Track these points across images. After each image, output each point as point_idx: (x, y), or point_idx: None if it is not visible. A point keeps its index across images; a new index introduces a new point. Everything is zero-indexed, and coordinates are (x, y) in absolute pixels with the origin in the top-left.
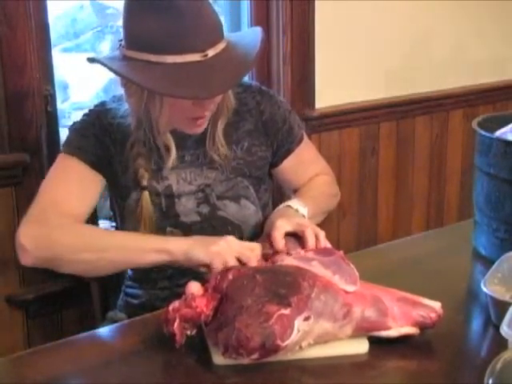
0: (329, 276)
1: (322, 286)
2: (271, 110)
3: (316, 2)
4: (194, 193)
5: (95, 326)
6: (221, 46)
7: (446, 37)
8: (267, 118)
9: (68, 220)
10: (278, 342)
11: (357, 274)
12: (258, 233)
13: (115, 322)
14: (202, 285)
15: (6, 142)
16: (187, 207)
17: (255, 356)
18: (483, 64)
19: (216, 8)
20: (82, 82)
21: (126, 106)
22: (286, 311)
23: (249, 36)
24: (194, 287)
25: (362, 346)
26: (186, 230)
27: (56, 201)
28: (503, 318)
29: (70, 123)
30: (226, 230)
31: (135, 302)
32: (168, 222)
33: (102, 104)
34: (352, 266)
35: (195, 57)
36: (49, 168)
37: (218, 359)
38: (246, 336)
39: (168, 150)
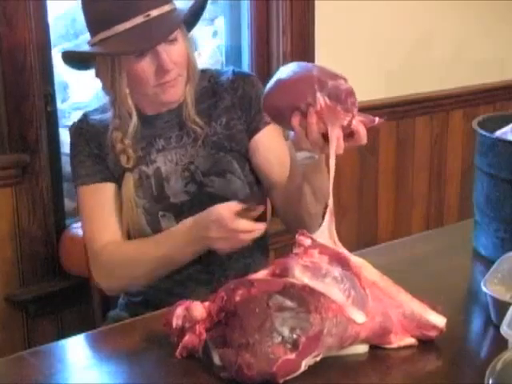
0: (341, 300)
1: (334, 316)
2: (245, 87)
3: (316, 2)
4: (180, 173)
5: (95, 326)
6: (166, 8)
7: (446, 37)
8: (241, 93)
9: (111, 247)
10: (280, 382)
11: (370, 302)
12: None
13: (117, 321)
14: (208, 298)
15: (6, 142)
16: (176, 188)
17: None
18: (483, 64)
19: (216, 8)
20: (81, 81)
21: (105, 101)
22: (292, 356)
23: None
24: (197, 311)
25: (361, 346)
26: (177, 212)
27: (94, 237)
28: (503, 318)
29: (70, 123)
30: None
31: (137, 299)
32: (160, 206)
33: (82, 117)
34: (367, 291)
35: (140, 18)
36: (48, 168)
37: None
38: (247, 375)
39: (130, 116)
